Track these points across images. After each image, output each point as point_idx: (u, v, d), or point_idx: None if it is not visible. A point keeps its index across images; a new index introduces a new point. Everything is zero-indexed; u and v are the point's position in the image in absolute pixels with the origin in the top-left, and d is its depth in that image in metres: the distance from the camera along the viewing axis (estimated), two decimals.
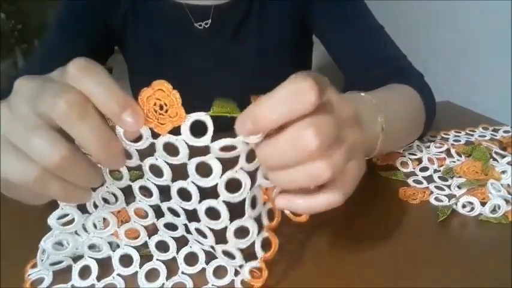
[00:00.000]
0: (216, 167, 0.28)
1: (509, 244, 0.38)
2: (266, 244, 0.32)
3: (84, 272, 0.34)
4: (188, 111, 0.27)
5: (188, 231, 0.33)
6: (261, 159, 0.27)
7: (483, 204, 0.42)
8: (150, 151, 0.28)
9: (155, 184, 0.31)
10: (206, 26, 0.69)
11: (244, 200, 0.29)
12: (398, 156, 0.53)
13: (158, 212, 0.33)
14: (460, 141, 0.57)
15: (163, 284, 0.34)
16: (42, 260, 0.33)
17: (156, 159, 0.28)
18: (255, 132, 0.26)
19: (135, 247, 0.35)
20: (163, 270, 0.35)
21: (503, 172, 0.46)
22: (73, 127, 0.25)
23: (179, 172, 0.29)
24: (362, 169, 0.32)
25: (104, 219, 0.34)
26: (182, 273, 0.35)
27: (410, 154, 0.53)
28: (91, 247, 0.34)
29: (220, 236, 0.31)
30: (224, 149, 0.27)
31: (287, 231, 0.38)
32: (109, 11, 0.69)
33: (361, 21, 0.70)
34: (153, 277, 0.34)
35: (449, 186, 0.47)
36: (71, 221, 0.32)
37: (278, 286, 0.33)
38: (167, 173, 0.29)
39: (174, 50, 0.71)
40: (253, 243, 0.31)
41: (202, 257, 0.35)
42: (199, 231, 0.32)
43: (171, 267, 0.35)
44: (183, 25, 0.69)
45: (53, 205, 0.31)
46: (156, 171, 0.29)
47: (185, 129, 0.27)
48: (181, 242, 0.36)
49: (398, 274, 0.35)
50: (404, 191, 0.46)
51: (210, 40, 0.70)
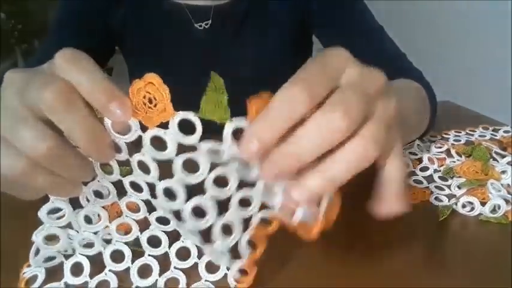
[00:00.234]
0: (204, 163, 0.28)
1: (509, 244, 0.38)
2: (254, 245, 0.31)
3: (76, 269, 0.34)
4: (186, 110, 0.27)
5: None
6: (290, 164, 0.25)
7: (483, 204, 0.42)
8: (139, 147, 0.28)
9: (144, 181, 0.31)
10: (206, 27, 0.69)
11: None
12: None
13: (150, 206, 0.33)
14: (460, 141, 0.57)
15: (156, 280, 0.34)
16: (35, 256, 0.33)
17: (143, 154, 0.28)
18: (261, 148, 0.24)
19: (126, 243, 0.35)
20: (155, 265, 0.34)
21: (503, 172, 0.46)
22: (60, 117, 0.25)
23: (166, 171, 0.29)
24: (400, 139, 0.29)
25: (98, 214, 0.34)
26: (175, 268, 0.34)
27: (410, 154, 0.53)
28: (82, 243, 0.34)
29: (206, 236, 0.30)
30: (212, 153, 0.27)
31: (279, 229, 0.38)
32: (109, 11, 0.69)
33: (361, 21, 0.70)
34: (146, 273, 0.34)
35: (449, 186, 0.47)
36: (63, 216, 0.32)
37: (277, 286, 0.33)
38: (154, 170, 0.29)
39: (174, 51, 0.71)
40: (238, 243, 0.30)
41: (194, 252, 0.35)
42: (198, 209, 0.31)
43: (164, 262, 0.35)
44: (183, 25, 0.69)
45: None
46: (144, 167, 0.29)
47: (173, 125, 0.26)
48: (173, 237, 0.35)
49: (398, 274, 0.35)
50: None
51: (210, 40, 0.70)
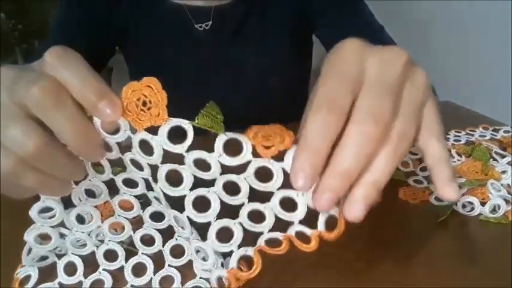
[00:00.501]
0: (188, 177, 0.27)
1: (509, 244, 0.38)
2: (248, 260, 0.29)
3: (69, 269, 0.34)
4: (186, 112, 0.26)
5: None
6: (343, 184, 0.24)
7: (483, 204, 0.42)
8: (129, 146, 0.28)
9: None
10: (207, 28, 0.69)
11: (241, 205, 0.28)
12: None
13: (144, 203, 0.33)
14: (460, 141, 0.57)
15: (151, 279, 0.34)
16: (27, 255, 0.33)
17: (134, 154, 0.28)
18: (314, 174, 0.24)
19: (120, 242, 0.35)
20: (149, 264, 0.34)
21: (503, 172, 0.46)
22: (47, 115, 0.25)
23: (155, 171, 0.28)
24: (437, 106, 0.29)
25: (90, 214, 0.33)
26: (169, 266, 0.34)
27: (410, 153, 0.53)
28: (76, 244, 0.34)
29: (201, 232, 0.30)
30: (200, 166, 0.26)
31: None
32: (110, 12, 0.69)
33: (361, 21, 0.70)
34: (140, 272, 0.34)
35: None
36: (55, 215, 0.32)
37: (273, 286, 0.33)
38: (146, 169, 0.28)
39: (175, 51, 0.71)
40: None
41: (188, 249, 0.35)
42: (177, 220, 0.31)
43: (158, 260, 0.35)
44: (184, 26, 0.69)
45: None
46: (137, 165, 0.29)
47: (163, 131, 0.26)
48: (166, 235, 0.35)
49: (398, 274, 0.35)
50: (404, 191, 0.46)
51: (211, 41, 0.70)
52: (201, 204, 0.28)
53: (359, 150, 0.24)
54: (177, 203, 0.29)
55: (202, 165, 0.27)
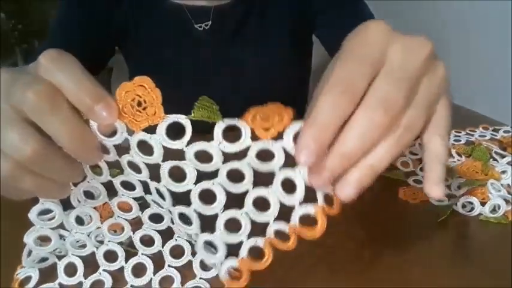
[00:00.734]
0: (191, 172, 0.27)
1: (509, 244, 0.38)
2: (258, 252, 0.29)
3: (70, 270, 0.34)
4: (185, 111, 0.26)
5: (173, 221, 0.33)
6: (341, 164, 0.24)
7: (483, 204, 0.42)
8: (127, 147, 0.27)
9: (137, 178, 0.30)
10: (206, 27, 0.69)
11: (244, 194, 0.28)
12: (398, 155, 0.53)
13: (142, 205, 0.33)
14: (461, 141, 0.57)
15: (151, 279, 0.34)
16: (27, 257, 0.33)
17: (132, 156, 0.28)
18: (319, 149, 0.24)
19: (120, 243, 0.35)
20: (149, 264, 0.34)
21: (503, 172, 0.46)
22: (43, 119, 0.25)
23: (155, 171, 0.28)
24: (450, 104, 0.29)
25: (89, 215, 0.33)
26: (169, 266, 0.34)
27: (410, 154, 0.53)
28: (75, 244, 0.34)
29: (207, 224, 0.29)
30: (201, 159, 0.26)
31: None
32: (109, 12, 0.69)
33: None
34: (140, 272, 0.34)
35: (449, 186, 0.46)
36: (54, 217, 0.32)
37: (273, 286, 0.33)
38: (144, 170, 0.28)
39: (174, 51, 0.71)
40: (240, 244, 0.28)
41: (188, 250, 0.35)
42: (183, 216, 0.30)
43: (158, 261, 0.35)
44: (183, 26, 0.69)
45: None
46: (135, 167, 0.29)
47: (161, 129, 0.26)
48: (166, 236, 0.35)
49: (397, 274, 0.35)
50: (404, 191, 0.46)
51: (210, 41, 0.70)
52: (207, 196, 0.28)
53: (364, 135, 0.24)
54: (183, 199, 0.29)
55: (203, 157, 0.27)
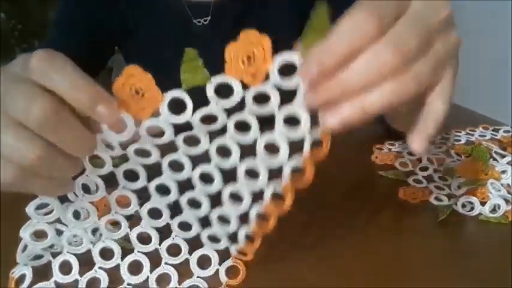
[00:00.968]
0: (203, 137, 0.29)
1: (509, 244, 0.38)
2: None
3: (65, 268, 0.33)
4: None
5: (175, 213, 0.33)
6: (333, 90, 0.25)
7: (483, 204, 0.42)
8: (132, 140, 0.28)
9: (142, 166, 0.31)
10: (205, 23, 0.69)
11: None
12: (397, 156, 0.53)
13: (142, 199, 0.33)
14: (461, 141, 0.57)
15: (147, 277, 0.33)
16: (22, 252, 0.33)
17: (140, 144, 0.29)
18: (323, 72, 0.24)
19: (116, 240, 0.35)
20: (146, 262, 0.34)
21: (503, 172, 0.46)
22: (49, 134, 0.25)
23: (166, 149, 0.29)
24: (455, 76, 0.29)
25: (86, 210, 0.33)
26: (166, 264, 0.34)
27: (409, 154, 0.53)
28: (72, 240, 0.34)
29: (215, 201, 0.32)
30: (205, 121, 0.28)
31: (281, 228, 0.38)
32: (108, 11, 0.69)
33: None
34: (137, 269, 0.34)
35: (449, 185, 0.47)
36: (51, 211, 0.32)
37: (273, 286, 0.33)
38: (155, 152, 0.29)
39: (174, 47, 0.71)
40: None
41: (185, 248, 0.35)
42: (193, 202, 0.32)
43: (154, 259, 0.35)
44: (182, 22, 0.69)
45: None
46: (143, 153, 0.29)
47: (164, 109, 0.27)
48: (163, 234, 0.35)
49: (397, 274, 0.35)
50: (404, 191, 0.46)
51: (210, 37, 0.70)
52: (223, 153, 0.30)
53: (368, 70, 0.24)
54: (200, 161, 0.30)
55: (208, 120, 0.28)
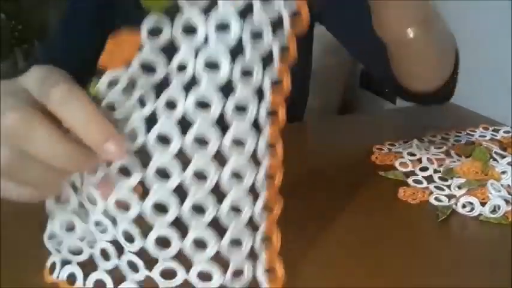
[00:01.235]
0: (184, 48, 0.30)
1: (509, 244, 0.38)
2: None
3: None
4: None
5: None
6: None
7: (483, 204, 0.42)
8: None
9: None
10: None
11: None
12: (397, 156, 0.53)
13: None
14: (461, 141, 0.57)
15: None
16: (57, 251, 0.31)
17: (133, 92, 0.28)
18: None
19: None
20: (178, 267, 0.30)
21: (503, 172, 0.46)
22: (22, 144, 0.25)
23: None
24: None
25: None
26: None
27: (409, 154, 0.53)
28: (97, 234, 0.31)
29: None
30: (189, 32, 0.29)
31: (280, 228, 0.38)
32: (111, 11, 0.69)
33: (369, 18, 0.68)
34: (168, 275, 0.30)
35: (449, 186, 0.47)
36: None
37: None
38: (160, 72, 0.29)
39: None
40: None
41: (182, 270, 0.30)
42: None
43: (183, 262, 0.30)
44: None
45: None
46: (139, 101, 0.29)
47: (144, 34, 0.29)
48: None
49: (397, 274, 0.35)
50: (404, 191, 0.46)
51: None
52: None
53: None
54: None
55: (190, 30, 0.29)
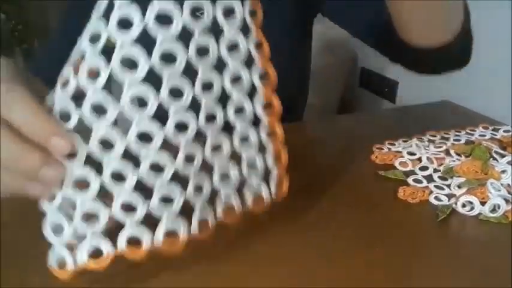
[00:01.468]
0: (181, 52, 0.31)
1: (509, 244, 0.38)
2: None
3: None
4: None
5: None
6: None
7: (483, 203, 0.42)
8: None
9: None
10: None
11: None
12: (397, 156, 0.53)
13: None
14: (461, 140, 0.57)
15: None
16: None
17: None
18: None
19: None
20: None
21: (503, 172, 0.46)
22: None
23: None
24: None
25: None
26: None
27: (409, 154, 0.53)
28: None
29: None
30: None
31: (280, 228, 0.38)
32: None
33: None
34: None
35: (449, 185, 0.46)
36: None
37: (284, 286, 0.33)
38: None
39: None
40: None
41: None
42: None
43: None
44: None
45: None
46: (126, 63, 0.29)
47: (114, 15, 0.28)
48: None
49: (397, 273, 0.35)
50: (404, 190, 0.46)
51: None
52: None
53: None
54: None
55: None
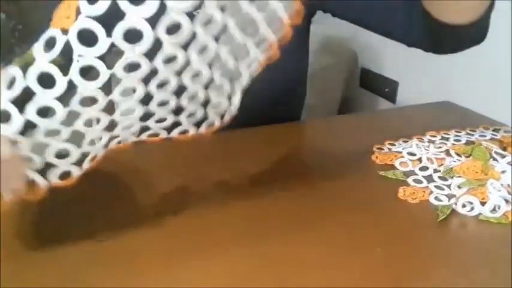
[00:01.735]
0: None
1: (509, 244, 0.38)
2: None
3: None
4: None
5: None
6: None
7: (483, 204, 0.42)
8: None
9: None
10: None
11: None
12: (397, 156, 0.53)
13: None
14: (461, 141, 0.57)
15: None
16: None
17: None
18: None
19: None
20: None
21: (503, 172, 0.46)
22: None
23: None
24: None
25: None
26: None
27: (409, 154, 0.53)
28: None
29: None
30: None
31: (280, 228, 0.38)
32: (111, 10, 0.69)
33: None
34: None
35: (449, 185, 0.46)
36: None
37: (284, 286, 0.33)
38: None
39: None
40: None
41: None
42: None
43: None
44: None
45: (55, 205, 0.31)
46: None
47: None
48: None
49: (397, 273, 0.35)
50: (404, 191, 0.46)
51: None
52: None
53: None
54: None
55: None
